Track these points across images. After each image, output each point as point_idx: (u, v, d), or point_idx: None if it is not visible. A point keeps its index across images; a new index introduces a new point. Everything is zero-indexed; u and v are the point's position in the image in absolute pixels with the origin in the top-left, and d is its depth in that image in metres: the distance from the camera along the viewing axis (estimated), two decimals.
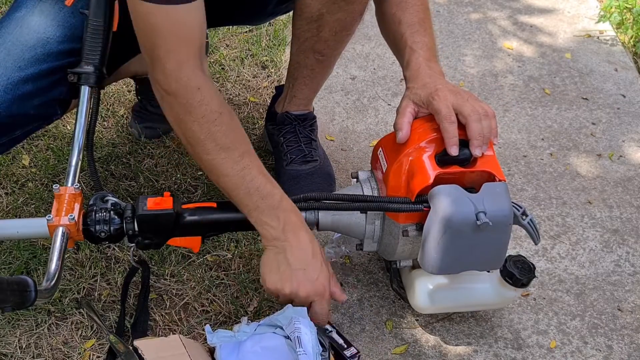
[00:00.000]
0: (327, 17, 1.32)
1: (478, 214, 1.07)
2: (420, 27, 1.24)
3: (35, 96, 1.23)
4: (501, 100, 1.98)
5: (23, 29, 1.23)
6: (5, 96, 1.19)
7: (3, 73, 1.19)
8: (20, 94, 1.20)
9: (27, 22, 1.24)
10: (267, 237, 1.15)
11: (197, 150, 1.13)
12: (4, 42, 1.22)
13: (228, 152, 1.12)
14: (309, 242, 1.15)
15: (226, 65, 1.99)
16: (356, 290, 1.43)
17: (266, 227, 1.14)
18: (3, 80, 1.19)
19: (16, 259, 1.40)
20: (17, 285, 0.89)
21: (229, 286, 1.39)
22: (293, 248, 1.14)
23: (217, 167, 1.13)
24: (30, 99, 1.22)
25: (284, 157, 1.56)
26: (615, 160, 1.80)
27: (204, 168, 1.17)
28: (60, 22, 1.25)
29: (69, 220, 1.11)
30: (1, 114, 1.19)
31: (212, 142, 1.11)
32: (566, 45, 2.23)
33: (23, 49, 1.22)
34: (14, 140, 1.29)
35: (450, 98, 1.12)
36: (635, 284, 1.47)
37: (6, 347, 1.25)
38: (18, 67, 1.20)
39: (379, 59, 2.10)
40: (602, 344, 1.35)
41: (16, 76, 1.20)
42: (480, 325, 1.37)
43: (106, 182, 1.59)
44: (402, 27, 1.25)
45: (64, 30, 1.25)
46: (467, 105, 1.11)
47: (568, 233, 1.58)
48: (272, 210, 1.14)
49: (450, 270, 1.17)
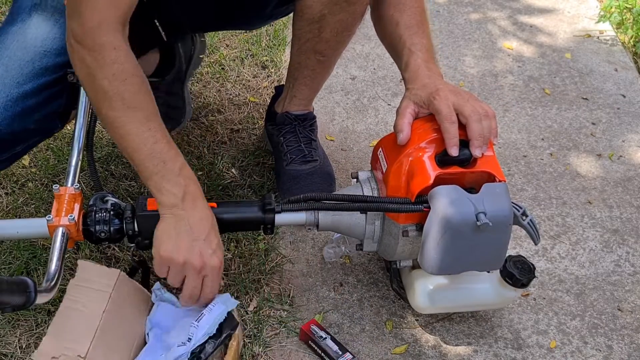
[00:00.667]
0: (328, 17, 1.32)
1: (478, 215, 1.07)
2: (418, 29, 1.24)
3: (35, 111, 1.22)
4: (501, 100, 1.98)
5: (20, 43, 1.22)
6: (6, 113, 1.19)
7: (2, 90, 1.19)
8: (20, 110, 1.20)
9: (24, 36, 1.23)
10: (165, 204, 1.11)
11: (104, 105, 1.10)
12: (1, 58, 1.21)
13: (135, 111, 1.09)
14: (209, 213, 1.13)
15: (226, 65, 1.99)
16: (356, 290, 1.43)
17: (166, 193, 1.10)
18: (3, 97, 1.18)
19: (16, 259, 1.40)
20: (17, 286, 0.89)
21: (228, 286, 1.40)
22: (193, 217, 1.11)
23: (122, 125, 1.10)
24: (30, 114, 1.22)
25: (283, 157, 1.56)
26: (615, 160, 1.80)
27: (107, 125, 1.13)
28: (56, 35, 1.24)
29: (69, 220, 1.11)
30: (2, 131, 1.19)
31: (120, 100, 1.08)
32: (566, 45, 2.23)
33: (21, 63, 1.21)
34: (15, 155, 1.28)
35: (451, 98, 1.12)
36: (635, 284, 1.47)
37: (6, 347, 1.25)
38: (17, 83, 1.20)
39: (379, 59, 2.10)
40: (602, 344, 1.35)
41: (15, 92, 1.19)
42: (480, 325, 1.37)
43: (106, 182, 1.59)
44: (399, 28, 1.25)
45: (60, 43, 1.23)
46: (468, 106, 1.11)
47: (568, 233, 1.58)
48: (173, 177, 1.10)
49: (450, 270, 1.17)
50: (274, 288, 1.42)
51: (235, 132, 1.78)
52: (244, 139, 1.75)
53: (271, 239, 1.50)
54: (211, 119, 1.80)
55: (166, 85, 1.67)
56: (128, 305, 1.17)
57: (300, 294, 1.41)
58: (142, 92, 1.11)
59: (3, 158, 1.25)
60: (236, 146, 1.73)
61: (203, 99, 1.87)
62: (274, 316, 1.36)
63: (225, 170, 1.65)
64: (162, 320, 1.19)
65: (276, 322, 1.35)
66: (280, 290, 1.41)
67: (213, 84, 1.93)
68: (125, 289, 1.17)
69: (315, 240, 1.53)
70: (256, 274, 1.43)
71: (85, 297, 1.12)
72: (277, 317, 1.36)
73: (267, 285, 1.41)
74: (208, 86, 1.92)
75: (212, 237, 1.12)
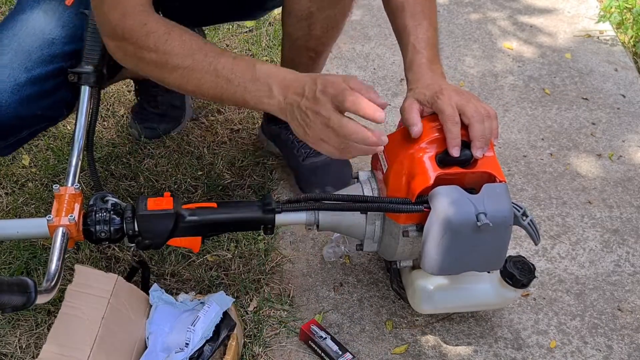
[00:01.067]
0: (316, 14, 1.32)
1: (478, 215, 1.07)
2: (423, 18, 1.23)
3: (42, 97, 1.23)
4: (501, 100, 1.98)
5: (29, 30, 1.24)
6: (13, 97, 1.19)
7: (10, 74, 1.19)
8: (27, 95, 1.21)
9: (32, 23, 1.24)
10: (275, 112, 1.07)
11: (166, 74, 1.10)
12: (10, 44, 1.22)
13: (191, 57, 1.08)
14: (303, 75, 1.05)
15: None
16: (356, 290, 1.43)
17: (264, 100, 1.06)
18: (10, 82, 1.19)
19: (16, 259, 1.40)
20: (17, 286, 0.89)
21: (228, 286, 1.40)
22: (299, 105, 1.04)
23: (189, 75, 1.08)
24: (37, 100, 1.22)
25: (297, 153, 1.58)
26: (615, 160, 1.80)
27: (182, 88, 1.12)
28: (64, 23, 1.25)
29: (69, 220, 1.11)
30: (9, 115, 1.20)
31: (174, 58, 1.08)
32: (566, 45, 2.23)
33: (30, 50, 1.22)
34: (20, 140, 1.29)
35: (455, 98, 1.12)
36: (635, 284, 1.47)
37: (6, 347, 1.25)
38: (25, 68, 1.21)
39: (379, 59, 2.10)
40: (602, 344, 1.35)
41: (23, 77, 1.20)
42: (480, 325, 1.37)
43: (106, 182, 1.59)
44: (405, 15, 1.23)
45: (68, 31, 1.25)
46: (470, 106, 1.11)
47: (568, 233, 1.58)
48: (255, 83, 1.06)
49: (451, 271, 1.17)
50: (274, 288, 1.42)
51: (235, 132, 1.78)
52: (244, 139, 1.75)
53: (271, 239, 1.50)
54: (211, 119, 1.80)
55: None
56: (127, 310, 1.17)
57: (300, 294, 1.41)
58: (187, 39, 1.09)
59: (9, 142, 1.26)
60: (236, 146, 1.73)
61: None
62: (274, 316, 1.36)
63: (226, 170, 1.65)
64: (161, 323, 1.19)
65: (276, 322, 1.35)
66: (280, 290, 1.41)
67: None
68: (123, 293, 1.17)
69: (315, 240, 1.53)
70: (256, 274, 1.43)
71: (84, 303, 1.12)
72: (277, 317, 1.36)
73: (267, 285, 1.42)
74: None
75: (319, 79, 1.02)
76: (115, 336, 1.12)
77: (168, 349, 1.16)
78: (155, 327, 1.18)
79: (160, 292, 1.22)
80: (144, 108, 1.73)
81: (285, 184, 1.65)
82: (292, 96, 1.03)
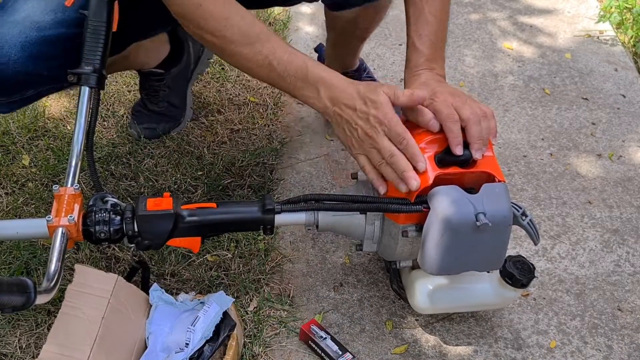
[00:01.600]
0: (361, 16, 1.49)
1: (477, 215, 1.07)
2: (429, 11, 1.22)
3: (51, 58, 1.25)
4: (501, 100, 1.98)
5: None
6: (23, 53, 1.22)
7: (22, 31, 1.22)
8: (36, 53, 1.23)
9: None
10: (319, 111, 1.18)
11: (225, 57, 1.21)
12: (25, 5, 1.25)
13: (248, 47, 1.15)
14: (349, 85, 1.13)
15: (226, 65, 1.99)
16: (356, 290, 1.43)
17: (310, 100, 1.16)
18: (22, 37, 1.22)
19: (16, 259, 1.40)
20: (17, 286, 0.89)
21: (228, 286, 1.40)
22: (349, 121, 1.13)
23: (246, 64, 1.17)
24: (46, 60, 1.25)
25: None
26: (615, 160, 1.80)
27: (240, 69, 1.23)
28: None
29: (69, 220, 1.11)
30: (16, 69, 1.22)
31: (231, 46, 1.16)
32: (566, 45, 2.23)
33: (43, 11, 1.25)
34: (26, 99, 1.32)
35: (450, 99, 1.12)
36: (635, 284, 1.47)
37: (6, 347, 1.25)
38: (37, 27, 1.23)
39: (379, 59, 2.10)
40: (602, 344, 1.35)
41: (35, 35, 1.23)
42: (480, 325, 1.37)
43: (106, 182, 1.59)
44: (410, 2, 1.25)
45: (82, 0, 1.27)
46: (466, 108, 1.11)
47: (568, 233, 1.58)
48: (305, 83, 1.15)
49: (450, 270, 1.17)
50: (274, 288, 1.42)
51: (235, 132, 1.78)
52: (244, 139, 1.76)
53: (271, 239, 1.50)
54: (211, 119, 1.80)
55: (170, 79, 1.68)
56: (127, 310, 1.17)
57: (300, 294, 1.41)
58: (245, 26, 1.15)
59: (15, 99, 1.29)
60: (236, 146, 1.73)
61: (203, 99, 1.88)
62: (274, 316, 1.36)
63: (225, 170, 1.66)
64: (161, 323, 1.19)
65: (276, 322, 1.35)
66: (280, 290, 1.41)
67: (213, 84, 1.93)
68: (123, 294, 1.17)
69: (315, 240, 1.53)
70: (256, 274, 1.43)
71: (84, 303, 1.12)
72: (277, 317, 1.36)
73: (267, 285, 1.42)
74: (208, 86, 1.92)
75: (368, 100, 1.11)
76: (115, 336, 1.12)
77: (168, 349, 1.16)
78: (155, 327, 1.18)
79: (160, 292, 1.22)
80: (145, 107, 1.73)
81: (285, 184, 1.65)
82: (341, 107, 1.12)
